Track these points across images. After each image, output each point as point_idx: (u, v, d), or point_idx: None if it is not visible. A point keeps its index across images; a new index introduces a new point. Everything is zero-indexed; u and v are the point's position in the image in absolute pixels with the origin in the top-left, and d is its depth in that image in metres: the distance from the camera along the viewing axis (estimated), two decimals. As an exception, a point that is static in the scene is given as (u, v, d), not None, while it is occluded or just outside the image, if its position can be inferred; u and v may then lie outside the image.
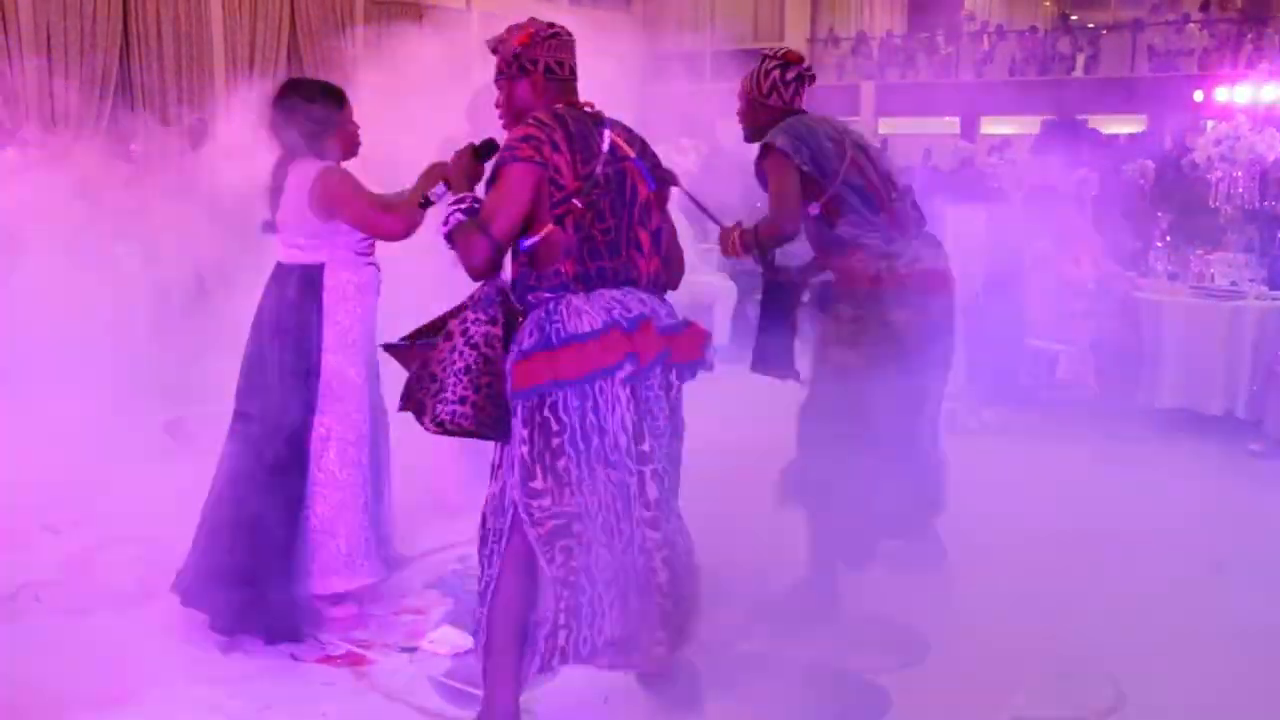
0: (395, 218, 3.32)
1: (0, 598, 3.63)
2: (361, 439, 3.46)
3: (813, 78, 3.72)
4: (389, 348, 2.89)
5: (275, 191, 3.42)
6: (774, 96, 3.64)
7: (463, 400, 2.66)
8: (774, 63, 3.66)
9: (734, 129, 3.90)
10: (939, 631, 3.47)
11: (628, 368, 2.67)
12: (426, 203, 3.06)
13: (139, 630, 3.41)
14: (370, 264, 3.49)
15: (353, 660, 3.29)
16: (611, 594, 2.72)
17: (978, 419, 5.93)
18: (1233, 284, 6.03)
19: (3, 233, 5.27)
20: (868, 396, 3.44)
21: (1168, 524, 4.46)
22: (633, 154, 2.81)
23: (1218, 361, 5.78)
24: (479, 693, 3.08)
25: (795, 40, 20.18)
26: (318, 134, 3.38)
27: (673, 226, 2.97)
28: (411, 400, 2.75)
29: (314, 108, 3.38)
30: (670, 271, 2.93)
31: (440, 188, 2.98)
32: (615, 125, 2.84)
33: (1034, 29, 20.17)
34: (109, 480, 4.73)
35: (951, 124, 18.56)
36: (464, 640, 3.30)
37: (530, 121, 2.71)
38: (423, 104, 4.36)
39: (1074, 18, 21.58)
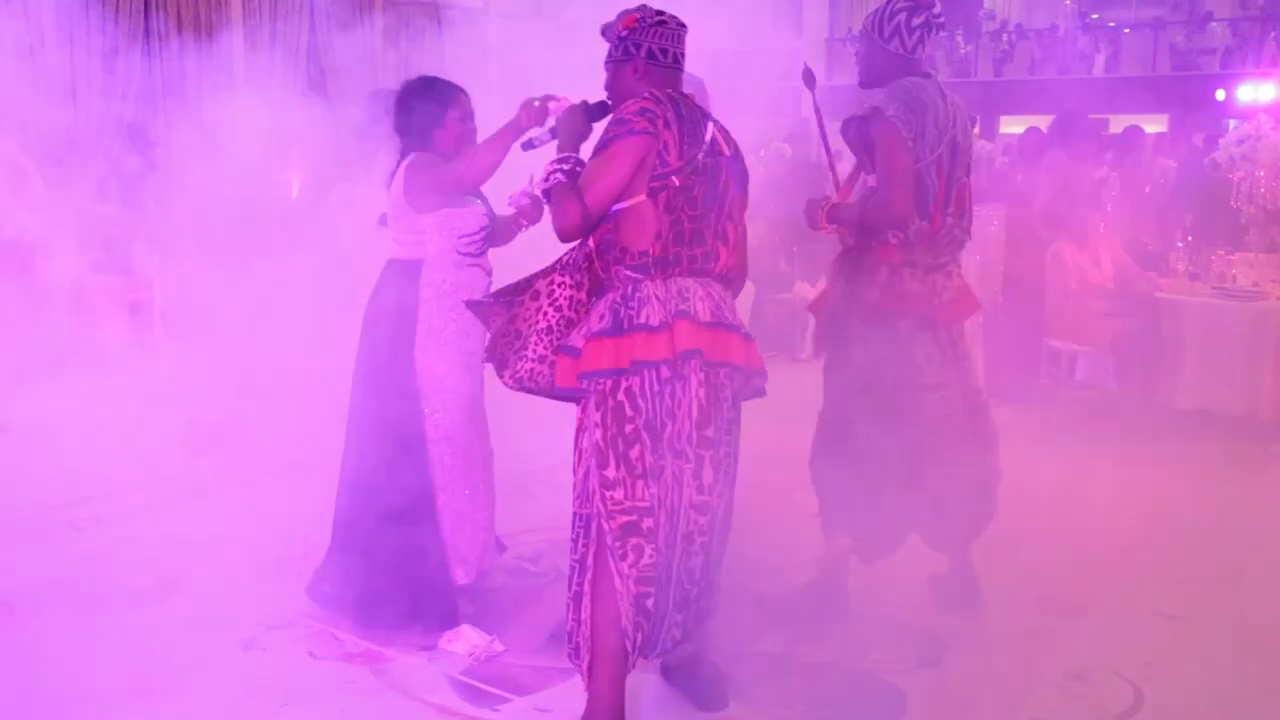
0: (468, 161, 3.33)
1: (21, 595, 3.65)
2: (449, 439, 3.45)
3: (941, 25, 3.45)
4: (472, 304, 2.98)
5: (389, 187, 3.49)
6: (895, 42, 3.40)
7: (541, 359, 2.77)
8: (902, 3, 3.40)
9: (750, 128, 3.85)
10: (956, 632, 3.47)
11: (693, 362, 2.69)
12: (530, 145, 3.08)
13: (158, 628, 3.43)
14: (474, 265, 3.47)
15: (371, 658, 3.30)
16: (670, 589, 2.75)
17: (996, 419, 5.90)
18: (1254, 284, 5.99)
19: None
20: (872, 397, 3.40)
21: (1187, 525, 4.44)
22: (728, 153, 2.84)
23: (1239, 362, 5.74)
24: (497, 691, 3.09)
25: (813, 39, 20.11)
26: (425, 132, 3.43)
27: (745, 231, 2.96)
28: (495, 353, 2.84)
29: (422, 106, 3.44)
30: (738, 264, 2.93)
31: (545, 134, 2.99)
32: (716, 122, 2.87)
33: (1054, 27, 20.06)
34: (130, 477, 4.78)
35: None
36: (481, 639, 3.32)
37: (645, 96, 2.74)
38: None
39: (1094, 16, 21.45)
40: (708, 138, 2.77)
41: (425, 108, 3.43)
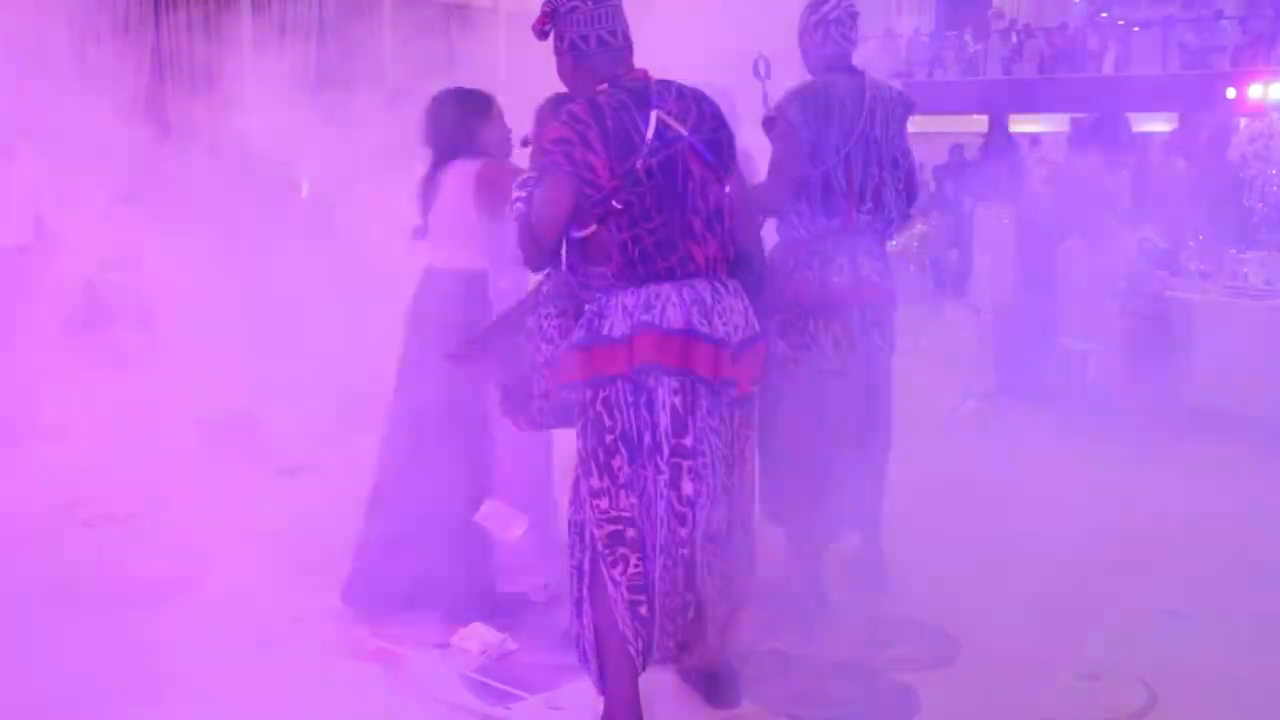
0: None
1: (33, 593, 3.67)
2: (537, 438, 3.52)
3: (839, 19, 3.54)
4: (451, 357, 2.97)
5: (427, 197, 3.45)
6: (805, 38, 3.60)
7: (546, 395, 2.78)
8: (808, 4, 3.58)
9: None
10: (969, 631, 3.46)
11: (650, 373, 2.65)
12: (525, 141, 3.11)
13: (172, 625, 3.44)
14: (519, 263, 3.51)
15: (385, 656, 3.31)
16: (656, 598, 2.73)
17: (1008, 417, 5.90)
18: (1266, 283, 5.97)
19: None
20: (798, 390, 3.51)
21: (1199, 525, 4.43)
22: (685, 131, 2.68)
23: (1251, 361, 5.71)
24: (511, 689, 3.10)
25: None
26: (469, 140, 3.42)
27: (742, 192, 2.87)
28: (512, 405, 2.86)
29: (464, 115, 3.44)
30: (737, 240, 2.81)
31: (531, 132, 2.97)
32: (667, 97, 2.70)
33: (1063, 26, 20.02)
34: (142, 476, 4.79)
35: (980, 122, 18.45)
36: (495, 637, 3.33)
37: (565, 118, 2.64)
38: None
39: (1104, 15, 21.40)
40: (650, 132, 2.63)
41: (471, 119, 3.43)
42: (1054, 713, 3.06)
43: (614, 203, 2.61)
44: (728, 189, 2.77)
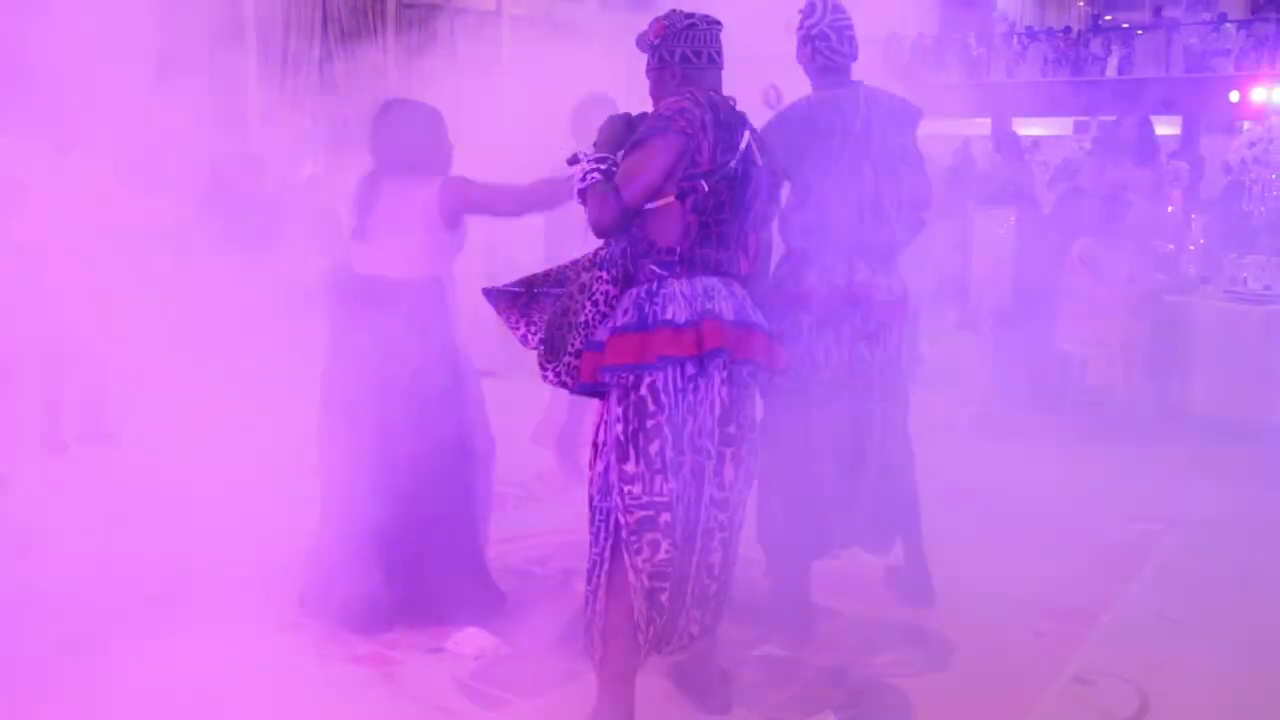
0: (513, 196, 3.40)
1: (34, 596, 3.67)
2: (491, 447, 3.63)
3: (825, 35, 3.55)
4: (491, 292, 2.94)
5: (363, 203, 3.46)
6: (799, 54, 3.57)
7: (576, 354, 2.78)
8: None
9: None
10: (963, 635, 3.47)
11: (717, 359, 2.70)
12: (574, 159, 3.09)
13: (169, 632, 3.45)
14: (450, 275, 3.57)
15: (378, 661, 3.32)
16: (688, 584, 2.77)
17: (1006, 422, 5.90)
18: (1266, 287, 5.97)
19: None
20: (803, 412, 3.46)
21: (1197, 529, 4.43)
22: (760, 163, 2.83)
23: (1250, 366, 5.73)
24: (504, 694, 3.11)
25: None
26: (414, 151, 3.43)
27: (768, 242, 3.00)
28: (552, 345, 2.83)
29: (412, 127, 3.45)
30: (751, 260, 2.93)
31: (590, 150, 2.92)
32: (754, 130, 2.86)
33: (1066, 29, 20.02)
34: (139, 480, 4.80)
35: (982, 125, 18.44)
36: (489, 642, 3.33)
37: (686, 96, 2.74)
38: (455, 106, 4.40)
39: (1107, 18, 21.39)
40: (742, 145, 2.78)
41: (418, 130, 3.44)
42: (1047, 717, 3.06)
43: (702, 183, 2.70)
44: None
